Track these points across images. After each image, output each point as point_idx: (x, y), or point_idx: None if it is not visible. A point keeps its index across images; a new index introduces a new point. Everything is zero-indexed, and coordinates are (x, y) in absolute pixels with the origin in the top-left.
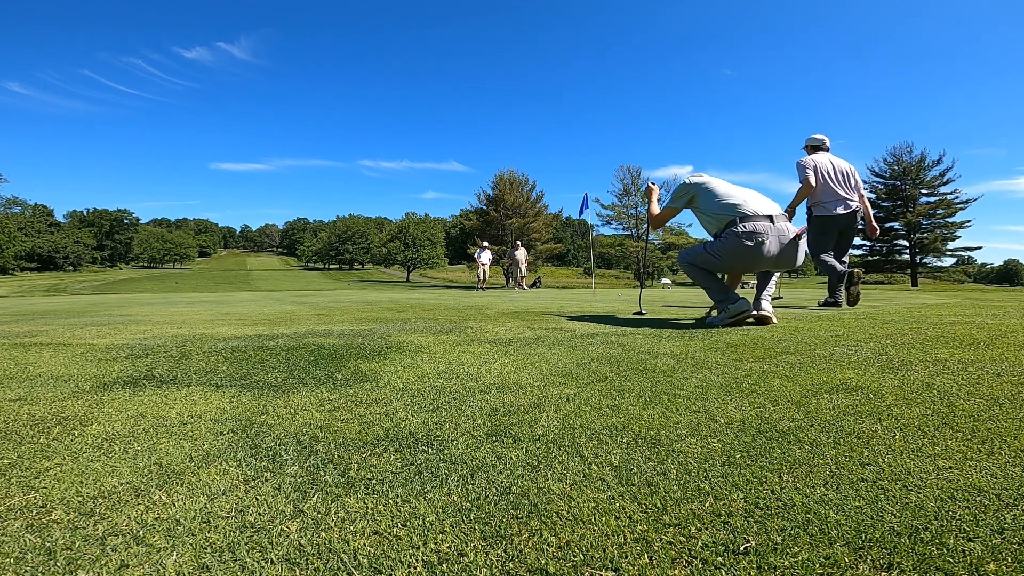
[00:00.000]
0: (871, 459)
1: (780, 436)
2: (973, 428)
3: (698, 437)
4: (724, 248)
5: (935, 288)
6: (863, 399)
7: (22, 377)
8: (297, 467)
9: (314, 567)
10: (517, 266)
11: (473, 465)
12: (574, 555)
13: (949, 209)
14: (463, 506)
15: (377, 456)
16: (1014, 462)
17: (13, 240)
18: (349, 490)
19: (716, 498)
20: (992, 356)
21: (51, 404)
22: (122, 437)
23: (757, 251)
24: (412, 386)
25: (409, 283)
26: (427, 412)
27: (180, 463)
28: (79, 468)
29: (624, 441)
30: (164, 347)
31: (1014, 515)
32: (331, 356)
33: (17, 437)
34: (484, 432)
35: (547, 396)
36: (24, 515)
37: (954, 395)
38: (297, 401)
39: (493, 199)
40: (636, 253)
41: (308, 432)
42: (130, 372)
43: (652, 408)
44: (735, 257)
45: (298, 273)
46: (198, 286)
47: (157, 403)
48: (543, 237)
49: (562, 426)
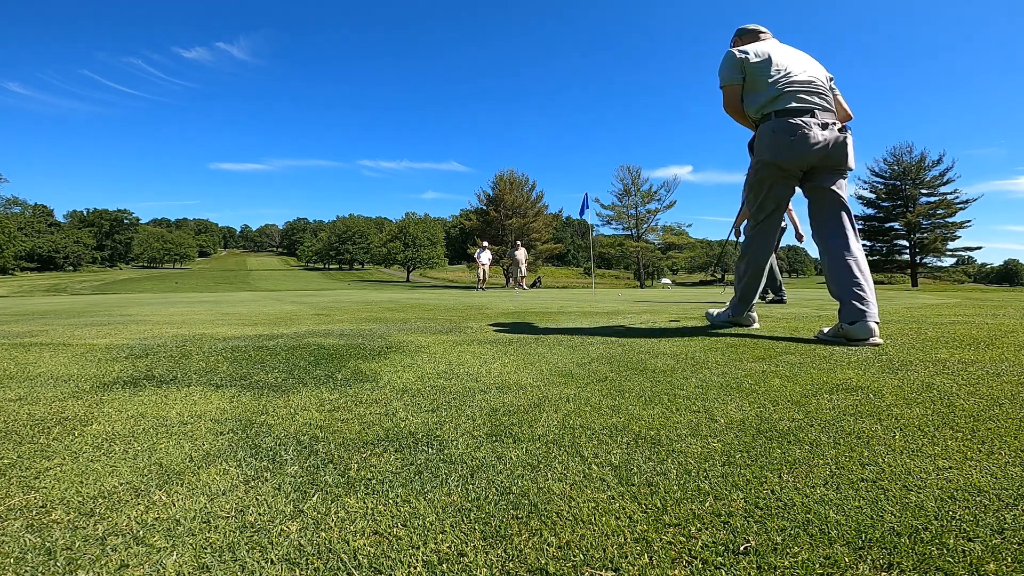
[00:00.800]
0: (871, 459)
1: (780, 436)
2: (973, 428)
3: (698, 437)
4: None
5: (935, 288)
6: (863, 399)
7: (22, 377)
8: (297, 467)
9: (314, 567)
10: (517, 266)
11: (473, 465)
12: (574, 555)
13: (949, 209)
14: (463, 506)
15: (377, 456)
16: (1014, 462)
17: (13, 240)
18: (349, 490)
19: (716, 498)
20: (992, 356)
21: (51, 404)
22: (122, 437)
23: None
24: (412, 386)
25: (409, 283)
26: (427, 412)
27: (180, 463)
28: (79, 468)
29: (624, 441)
30: (164, 347)
31: (1014, 515)
32: (331, 356)
33: (17, 437)
34: (484, 432)
35: (547, 396)
36: (24, 515)
37: (954, 395)
38: (297, 401)
39: (493, 199)
40: (636, 253)
41: (308, 432)
42: (130, 372)
43: (652, 408)
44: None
45: (298, 273)
46: (198, 286)
47: (157, 403)
48: (543, 237)
49: (562, 426)
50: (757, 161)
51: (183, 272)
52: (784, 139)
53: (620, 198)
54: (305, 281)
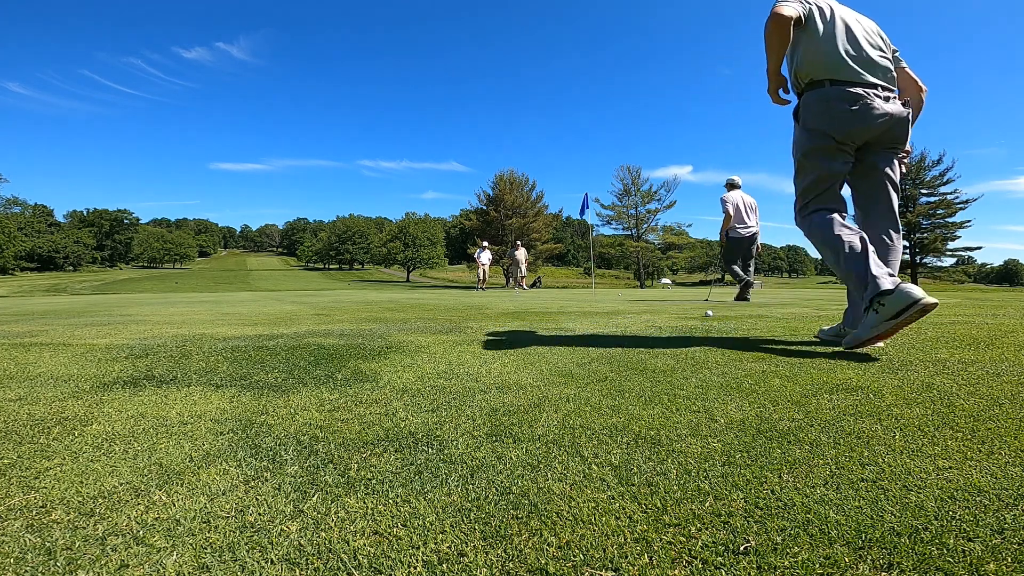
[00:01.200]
0: (871, 459)
1: (780, 436)
2: (973, 428)
3: (698, 437)
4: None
5: (935, 288)
6: (863, 399)
7: (22, 377)
8: (297, 467)
9: (314, 567)
10: (517, 266)
11: (473, 465)
12: (574, 555)
13: (949, 209)
14: (463, 506)
15: (377, 456)
16: (1014, 462)
17: (13, 240)
18: (349, 490)
19: (716, 498)
20: (992, 356)
21: (51, 404)
22: (122, 437)
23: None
24: (412, 386)
25: (409, 283)
26: (427, 412)
27: (180, 463)
28: (79, 468)
29: (624, 441)
30: (164, 347)
31: (1014, 515)
32: (331, 356)
33: (17, 437)
34: (484, 432)
35: (547, 396)
36: (24, 515)
37: (954, 395)
38: (297, 401)
39: (493, 199)
40: (636, 253)
41: (308, 432)
42: (130, 372)
43: (652, 408)
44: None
45: (298, 273)
46: (198, 286)
47: (157, 403)
48: (543, 237)
49: (562, 426)
50: (807, 130)
51: (183, 272)
52: (842, 107)
53: (620, 198)
54: (305, 281)
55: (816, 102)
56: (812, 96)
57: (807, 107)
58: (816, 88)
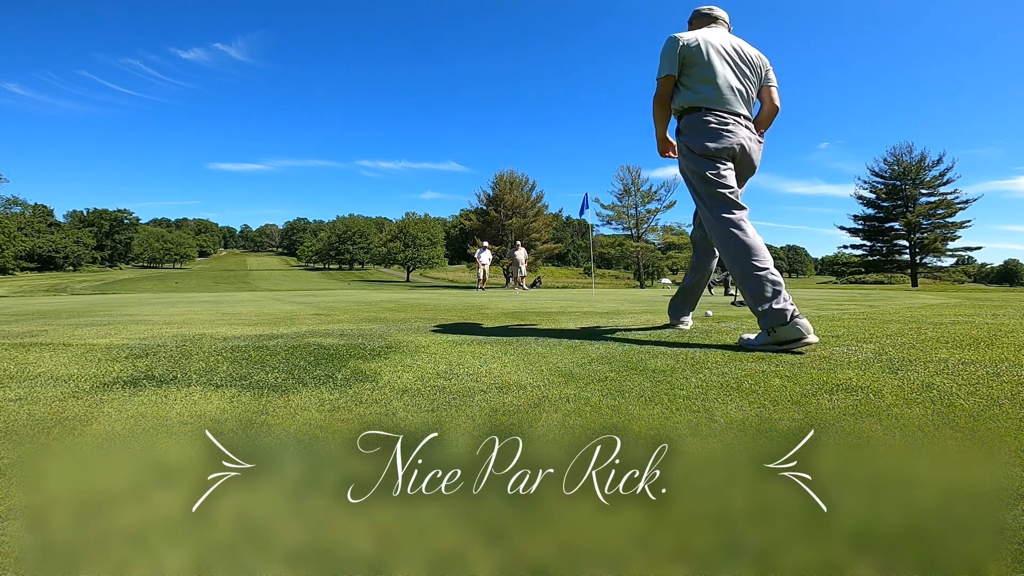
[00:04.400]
0: (871, 459)
1: (780, 436)
2: (973, 428)
3: (698, 437)
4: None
5: (935, 288)
6: (863, 399)
7: (22, 377)
8: (297, 467)
9: (314, 567)
10: (517, 266)
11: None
12: (574, 555)
13: (949, 209)
14: (463, 506)
15: (377, 456)
16: (1014, 462)
17: (13, 240)
18: (349, 490)
19: (716, 498)
20: (992, 356)
21: (51, 404)
22: (122, 437)
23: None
24: (412, 386)
25: (409, 283)
26: (427, 412)
27: (180, 463)
28: (79, 468)
29: (624, 441)
30: (164, 347)
31: (1014, 515)
32: (331, 356)
33: (17, 437)
34: (484, 432)
35: (547, 396)
36: (24, 515)
37: (954, 395)
38: (297, 401)
39: (493, 199)
40: (636, 253)
41: (308, 432)
42: (130, 372)
43: (652, 408)
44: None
45: (298, 273)
46: (198, 286)
47: (157, 403)
48: (543, 237)
49: (562, 426)
50: (696, 151)
51: (183, 272)
52: (716, 127)
53: (620, 198)
54: (305, 281)
55: (694, 123)
56: (690, 119)
57: (690, 128)
58: (692, 113)
